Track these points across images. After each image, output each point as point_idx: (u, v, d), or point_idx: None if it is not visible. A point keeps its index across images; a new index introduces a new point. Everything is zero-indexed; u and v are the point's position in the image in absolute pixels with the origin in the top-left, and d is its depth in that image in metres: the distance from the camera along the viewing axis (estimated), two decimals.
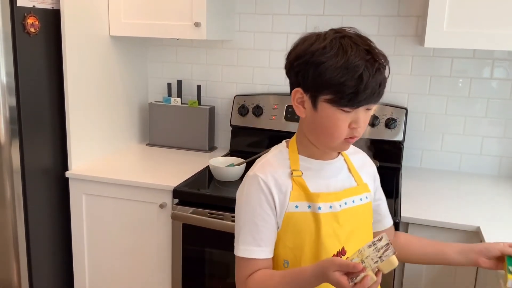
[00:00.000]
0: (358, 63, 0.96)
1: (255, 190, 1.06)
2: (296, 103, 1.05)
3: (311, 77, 0.99)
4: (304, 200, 1.07)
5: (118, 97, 2.29)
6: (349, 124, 1.01)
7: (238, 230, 1.08)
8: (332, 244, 1.07)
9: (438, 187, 1.97)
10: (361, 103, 0.98)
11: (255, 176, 1.06)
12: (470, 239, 1.59)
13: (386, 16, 2.15)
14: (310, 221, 1.06)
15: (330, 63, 0.96)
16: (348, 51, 0.96)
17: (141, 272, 2.01)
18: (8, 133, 1.77)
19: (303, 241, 1.07)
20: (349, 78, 0.96)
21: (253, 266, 1.06)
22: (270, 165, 1.08)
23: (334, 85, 0.97)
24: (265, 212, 1.05)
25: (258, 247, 1.05)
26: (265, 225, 1.05)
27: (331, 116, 1.00)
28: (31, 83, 1.84)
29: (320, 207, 1.06)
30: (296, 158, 1.09)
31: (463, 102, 2.13)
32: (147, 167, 2.17)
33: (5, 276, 1.88)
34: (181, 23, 2.05)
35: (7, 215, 1.83)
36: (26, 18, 1.76)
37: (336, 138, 1.02)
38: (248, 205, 1.06)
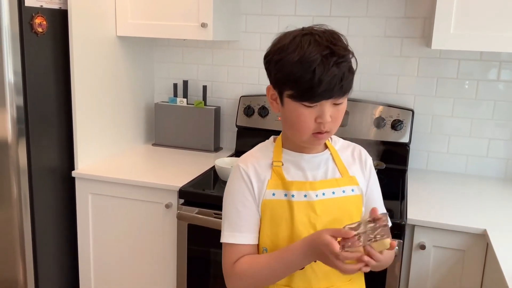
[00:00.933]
0: (313, 58, 0.97)
1: (236, 178, 1.12)
2: (271, 100, 1.09)
3: (273, 74, 1.04)
4: (281, 188, 1.11)
5: (124, 97, 2.29)
6: (315, 118, 1.02)
7: (223, 218, 1.13)
8: (306, 232, 1.08)
9: (444, 189, 1.96)
10: (319, 98, 0.99)
11: (237, 166, 1.13)
12: (476, 241, 1.58)
13: (393, 18, 2.14)
14: (285, 209, 1.10)
15: (287, 59, 0.99)
16: (304, 47, 0.98)
17: (146, 272, 2.01)
18: (15, 132, 1.78)
19: (279, 228, 1.11)
20: (304, 72, 0.97)
21: (238, 252, 1.10)
22: (253, 156, 1.15)
23: (291, 80, 0.99)
24: (246, 198, 1.10)
25: (241, 232, 1.10)
26: (246, 211, 1.10)
27: (295, 111, 1.02)
28: (38, 83, 1.85)
29: (293, 195, 1.10)
30: (280, 151, 1.13)
31: (470, 104, 2.12)
32: (153, 167, 2.17)
33: (11, 275, 1.89)
34: (188, 24, 2.05)
35: (14, 214, 1.83)
36: (33, 18, 1.77)
37: (303, 132, 1.04)
38: (230, 193, 1.13)
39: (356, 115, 2.14)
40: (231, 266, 1.10)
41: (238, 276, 1.10)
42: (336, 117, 1.04)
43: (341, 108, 1.05)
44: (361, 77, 2.22)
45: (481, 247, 1.59)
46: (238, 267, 1.09)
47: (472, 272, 1.61)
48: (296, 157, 1.13)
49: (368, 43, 2.19)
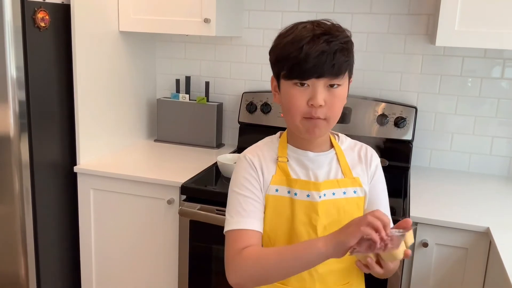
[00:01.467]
0: (304, 36, 0.99)
1: (243, 168, 1.12)
2: (273, 91, 1.11)
3: (271, 61, 1.08)
4: (285, 184, 1.10)
5: (126, 93, 2.29)
6: (308, 101, 1.02)
7: (228, 208, 1.11)
8: (306, 233, 1.08)
9: (447, 187, 1.96)
10: (308, 73, 0.99)
11: (243, 157, 1.13)
12: (479, 239, 1.58)
13: (397, 14, 2.13)
14: (287, 206, 1.10)
15: (280, 42, 1.04)
16: (297, 30, 1.02)
17: (148, 268, 2.01)
18: (17, 127, 1.77)
19: (279, 225, 1.10)
20: (293, 50, 0.99)
21: (243, 239, 1.06)
22: (259, 149, 1.15)
23: (282, 59, 1.02)
24: (253, 186, 1.10)
25: (248, 217, 1.08)
26: (254, 198, 1.09)
27: (288, 92, 1.04)
28: (41, 78, 1.84)
29: (296, 193, 1.09)
30: (285, 147, 1.14)
31: (473, 102, 2.12)
32: (155, 163, 2.17)
33: (12, 270, 1.89)
34: (191, 19, 2.04)
35: (16, 208, 1.83)
36: (36, 13, 1.76)
37: (294, 114, 1.03)
38: (236, 181, 1.11)
39: (358, 112, 2.13)
40: (236, 255, 1.04)
41: (242, 266, 1.03)
42: (331, 103, 1.02)
43: (337, 94, 1.03)
44: (364, 73, 2.21)
45: (484, 245, 1.58)
46: (243, 256, 1.02)
47: (475, 270, 1.61)
48: (300, 154, 1.13)
49: (371, 39, 2.18)
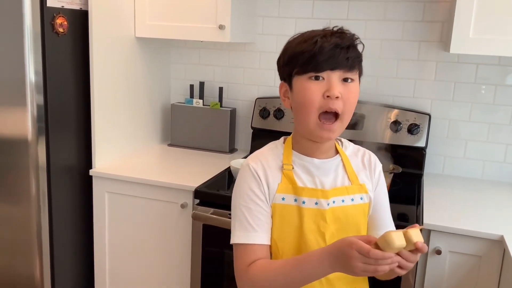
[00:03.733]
0: (315, 33, 1.03)
1: (247, 177, 1.09)
2: (283, 97, 1.10)
3: (282, 65, 1.08)
4: (291, 193, 1.08)
5: (141, 98, 2.32)
6: (324, 93, 1.01)
7: (233, 220, 1.09)
8: (315, 241, 1.07)
9: (460, 194, 1.95)
10: (324, 65, 1.00)
11: (246, 165, 1.10)
12: (493, 247, 1.57)
13: (411, 21, 2.13)
14: (294, 214, 1.08)
15: (292, 44, 1.06)
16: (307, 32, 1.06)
17: (160, 271, 2.02)
18: (35, 130, 1.81)
19: (287, 234, 1.08)
20: (306, 46, 1.02)
21: (251, 253, 1.05)
22: (263, 156, 1.12)
23: (296, 56, 1.03)
24: (257, 196, 1.07)
25: (254, 232, 1.06)
26: (258, 209, 1.07)
27: (302, 87, 1.03)
28: (59, 82, 1.87)
29: (304, 201, 1.08)
30: (290, 153, 1.11)
31: (487, 109, 2.11)
32: (169, 167, 2.19)
33: (28, 271, 1.92)
34: (206, 26, 2.07)
35: (32, 211, 1.86)
36: (55, 18, 1.80)
37: (310, 111, 1.02)
38: (240, 192, 1.09)
39: (372, 119, 2.13)
40: (244, 269, 1.05)
41: (251, 281, 1.04)
42: (347, 97, 1.02)
43: (352, 88, 1.03)
44: (378, 80, 2.22)
45: (498, 253, 1.57)
46: (252, 271, 1.04)
47: (488, 278, 1.60)
48: (306, 161, 1.10)
49: (385, 46, 2.18)
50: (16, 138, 1.82)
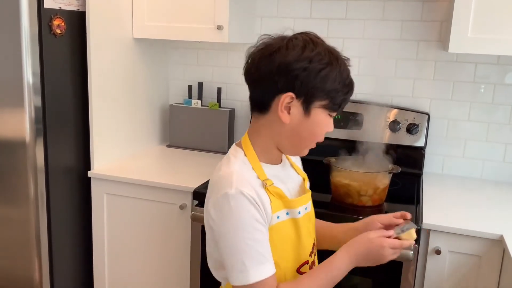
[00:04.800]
0: (347, 71, 1.04)
1: (244, 207, 0.98)
2: (283, 109, 1.02)
3: (311, 84, 1.00)
4: (282, 208, 1.06)
5: (140, 99, 2.31)
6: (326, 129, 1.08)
7: (239, 257, 0.98)
8: (308, 243, 1.12)
9: (460, 194, 1.94)
10: (343, 108, 1.08)
11: (240, 193, 0.98)
12: (492, 247, 1.57)
13: (409, 21, 2.13)
14: (290, 228, 1.08)
15: (328, 70, 1.00)
16: (338, 58, 1.03)
17: (159, 272, 2.02)
18: (33, 132, 1.80)
19: (286, 250, 1.08)
20: (343, 85, 1.03)
21: (270, 285, 1.00)
22: (245, 178, 1.02)
23: (331, 91, 1.01)
24: (261, 224, 1.00)
25: (269, 262, 1.00)
26: (265, 237, 1.01)
27: (323, 121, 1.05)
28: (56, 84, 1.87)
29: (300, 212, 1.09)
30: (259, 167, 1.06)
31: (486, 108, 2.10)
32: (168, 168, 2.19)
33: (27, 273, 1.91)
34: (204, 26, 2.06)
35: (30, 212, 1.86)
36: (52, 20, 1.79)
37: (313, 142, 1.08)
38: (243, 226, 0.98)
39: (370, 119, 2.13)
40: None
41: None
42: None
43: None
44: (377, 80, 2.21)
45: (498, 253, 1.57)
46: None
47: (488, 278, 1.59)
48: (275, 170, 1.09)
49: (384, 46, 2.18)
50: (14, 140, 1.81)
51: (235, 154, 1.08)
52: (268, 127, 1.06)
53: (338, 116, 2.17)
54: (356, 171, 1.75)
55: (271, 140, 1.07)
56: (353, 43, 2.22)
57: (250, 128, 1.11)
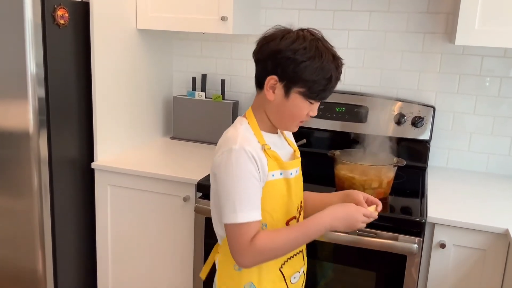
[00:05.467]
0: (329, 66, 1.17)
1: (245, 161, 1.16)
2: (268, 88, 1.20)
3: (291, 72, 1.17)
4: (277, 168, 1.24)
5: (143, 90, 2.30)
6: (308, 112, 1.23)
7: (232, 200, 1.16)
8: (297, 201, 1.31)
9: (465, 187, 1.93)
10: (323, 98, 1.22)
11: (242, 149, 1.17)
12: (497, 241, 1.56)
13: (415, 13, 2.11)
14: (283, 186, 1.26)
15: (309, 63, 1.16)
16: (322, 55, 1.17)
17: (163, 264, 2.02)
18: (36, 123, 1.79)
19: (279, 205, 1.26)
20: (321, 78, 1.17)
21: (254, 229, 1.17)
22: (248, 140, 1.21)
23: (308, 81, 1.17)
24: (255, 178, 1.18)
25: (256, 210, 1.17)
26: (257, 190, 1.18)
27: (300, 105, 1.20)
28: (60, 75, 1.86)
29: (291, 173, 1.28)
30: (260, 134, 1.24)
31: (492, 102, 2.09)
32: (171, 160, 2.18)
33: (30, 264, 1.92)
34: (208, 17, 2.05)
35: (34, 204, 1.86)
36: (56, 10, 1.78)
37: (296, 122, 1.25)
38: (241, 175, 1.16)
39: (375, 111, 2.12)
40: (248, 244, 1.16)
41: (259, 252, 1.17)
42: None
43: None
44: (382, 72, 2.20)
45: (503, 247, 1.56)
46: (259, 243, 1.16)
47: (493, 272, 1.59)
48: (272, 138, 1.27)
49: (389, 38, 2.16)
50: (18, 131, 1.81)
51: (241, 122, 1.26)
52: (262, 102, 1.25)
53: (342, 108, 2.16)
54: (360, 164, 1.75)
55: (265, 113, 1.26)
56: (358, 35, 2.21)
57: (254, 102, 1.29)
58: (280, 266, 1.29)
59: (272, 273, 1.27)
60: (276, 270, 1.28)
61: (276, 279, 1.29)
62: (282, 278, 1.29)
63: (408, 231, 1.59)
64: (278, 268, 1.28)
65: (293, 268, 1.32)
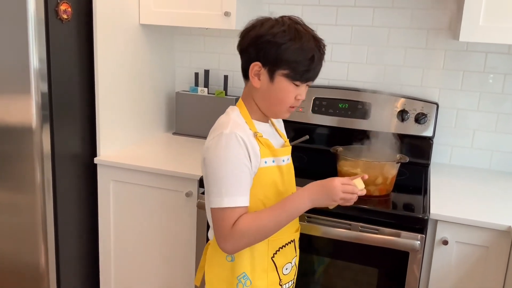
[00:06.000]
0: (310, 46, 1.19)
1: (234, 145, 1.17)
2: (253, 75, 1.22)
3: (273, 55, 1.18)
4: (269, 156, 1.25)
5: (146, 86, 2.30)
6: (296, 96, 1.23)
7: (219, 184, 1.17)
8: (291, 189, 1.32)
9: (468, 184, 1.93)
10: (309, 79, 1.23)
11: (233, 133, 1.18)
12: (500, 238, 1.56)
13: (419, 9, 2.10)
14: (275, 173, 1.27)
15: (289, 44, 1.17)
16: (302, 36, 1.18)
17: (165, 259, 2.03)
18: (39, 118, 1.80)
19: (271, 191, 1.26)
20: (303, 58, 1.18)
21: (237, 214, 1.17)
22: (240, 126, 1.21)
23: (291, 62, 1.18)
24: (245, 164, 1.18)
25: (243, 196, 1.17)
26: (245, 176, 1.18)
27: (286, 88, 1.21)
28: (63, 70, 1.86)
29: (284, 160, 1.29)
30: (251, 122, 1.25)
31: (496, 99, 2.08)
32: (174, 155, 2.18)
33: (33, 259, 1.92)
34: (211, 13, 2.04)
35: (37, 199, 1.86)
36: (59, 5, 1.78)
37: (284, 106, 1.24)
38: (229, 159, 1.17)
39: (378, 108, 2.11)
40: (230, 229, 1.16)
41: (241, 235, 1.17)
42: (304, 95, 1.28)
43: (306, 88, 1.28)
44: (385, 69, 2.19)
45: (505, 244, 1.56)
46: (240, 226, 1.16)
47: (495, 269, 1.59)
48: (263, 127, 1.29)
49: (393, 34, 2.15)
50: (20, 126, 1.81)
51: (233, 110, 1.27)
52: (250, 91, 1.26)
53: (345, 105, 2.16)
54: (363, 160, 1.74)
55: (254, 102, 1.27)
56: (361, 31, 2.20)
57: (243, 92, 1.31)
58: (272, 255, 1.29)
59: (264, 262, 1.28)
60: (268, 259, 1.29)
61: (269, 268, 1.29)
62: (274, 268, 1.30)
63: (411, 227, 1.59)
64: (270, 257, 1.29)
65: (285, 258, 1.32)
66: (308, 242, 1.71)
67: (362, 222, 1.63)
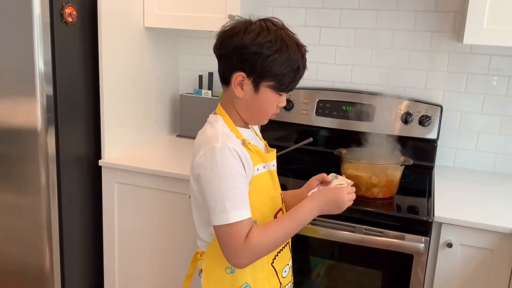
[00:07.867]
0: (296, 57, 1.18)
1: (229, 158, 1.15)
2: (236, 85, 1.19)
3: (259, 67, 1.15)
4: (260, 162, 1.24)
5: (150, 88, 2.31)
6: (277, 104, 1.23)
7: (221, 200, 1.14)
8: (279, 194, 1.33)
9: (472, 187, 1.93)
10: (291, 89, 1.24)
11: (225, 146, 1.15)
12: (504, 241, 1.56)
13: (423, 11, 2.10)
14: (267, 179, 1.27)
15: (276, 56, 1.15)
16: (288, 45, 1.16)
17: (169, 261, 2.03)
18: (44, 120, 1.80)
19: (266, 197, 1.26)
20: (289, 70, 1.17)
21: (246, 226, 1.15)
22: (229, 137, 1.20)
23: (278, 74, 1.17)
24: (241, 175, 1.16)
25: (246, 207, 1.16)
26: (244, 187, 1.17)
27: (270, 99, 1.20)
28: (68, 72, 1.87)
29: (274, 165, 1.30)
30: (236, 130, 1.24)
31: (500, 101, 2.08)
32: (178, 158, 2.19)
33: (38, 260, 1.93)
34: (215, 16, 2.05)
35: (42, 201, 1.87)
36: (64, 8, 1.79)
37: (268, 115, 1.24)
38: (227, 173, 1.15)
39: (382, 110, 2.11)
40: (243, 243, 1.13)
41: (256, 249, 1.15)
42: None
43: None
44: (389, 71, 2.19)
45: (510, 247, 1.56)
46: (253, 240, 1.14)
47: (500, 271, 1.58)
48: (247, 133, 1.28)
49: (397, 37, 2.16)
50: (26, 129, 1.82)
51: (216, 119, 1.24)
52: (231, 98, 1.23)
53: (349, 107, 2.16)
54: (367, 163, 1.74)
55: (235, 109, 1.24)
56: (365, 33, 2.20)
57: (222, 99, 1.28)
58: (272, 261, 1.29)
59: (265, 270, 1.27)
60: (268, 265, 1.28)
61: (269, 275, 1.28)
62: (274, 273, 1.29)
63: (415, 230, 1.59)
64: (269, 263, 1.28)
65: (282, 262, 1.32)
66: (312, 244, 1.71)
67: (366, 225, 1.63)
